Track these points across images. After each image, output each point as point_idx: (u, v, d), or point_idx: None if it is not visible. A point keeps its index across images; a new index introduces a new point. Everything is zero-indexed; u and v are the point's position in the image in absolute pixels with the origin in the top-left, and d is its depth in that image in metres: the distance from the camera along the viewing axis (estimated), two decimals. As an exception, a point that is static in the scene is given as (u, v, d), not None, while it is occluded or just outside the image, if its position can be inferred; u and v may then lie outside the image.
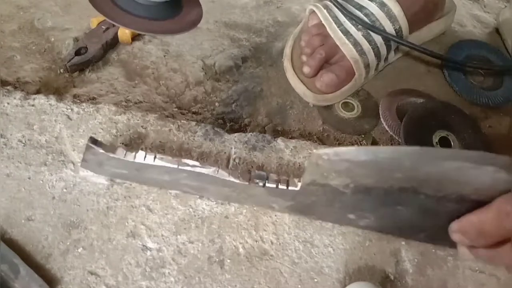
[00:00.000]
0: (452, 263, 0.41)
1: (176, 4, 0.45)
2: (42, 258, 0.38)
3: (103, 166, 0.41)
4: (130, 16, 0.43)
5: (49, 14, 0.60)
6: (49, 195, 0.42)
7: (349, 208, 0.39)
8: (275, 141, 0.47)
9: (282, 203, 0.41)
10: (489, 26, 0.70)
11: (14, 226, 0.40)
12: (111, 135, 0.46)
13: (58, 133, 0.45)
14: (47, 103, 0.48)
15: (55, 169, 0.43)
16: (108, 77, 0.54)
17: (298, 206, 0.41)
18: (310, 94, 0.53)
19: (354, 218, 0.40)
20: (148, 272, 0.38)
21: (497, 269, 0.41)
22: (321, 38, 0.55)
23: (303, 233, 0.41)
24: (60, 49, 0.56)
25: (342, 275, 0.39)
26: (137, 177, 0.42)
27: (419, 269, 0.40)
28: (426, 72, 0.61)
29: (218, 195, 0.42)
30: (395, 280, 0.40)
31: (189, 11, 0.46)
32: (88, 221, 0.40)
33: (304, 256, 0.40)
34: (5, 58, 0.54)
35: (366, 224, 0.41)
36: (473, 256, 0.36)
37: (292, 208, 0.41)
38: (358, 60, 0.53)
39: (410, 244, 0.42)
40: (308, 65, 0.54)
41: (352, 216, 0.40)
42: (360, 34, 0.53)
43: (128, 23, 0.43)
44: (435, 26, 0.63)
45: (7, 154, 0.44)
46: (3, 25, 0.58)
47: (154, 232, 0.40)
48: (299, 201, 0.40)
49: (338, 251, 0.41)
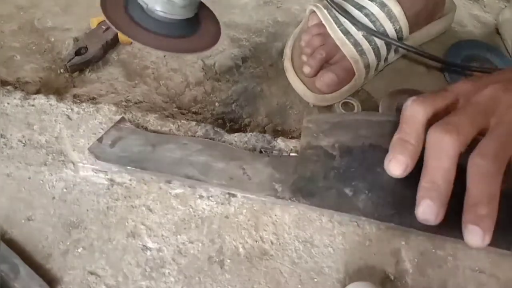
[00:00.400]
0: (452, 263, 0.41)
1: (194, 22, 0.44)
2: (42, 258, 0.38)
3: (114, 147, 0.43)
4: (146, 32, 0.42)
5: (49, 14, 0.60)
6: (49, 195, 0.42)
7: (343, 178, 0.42)
8: (275, 141, 0.47)
9: (286, 179, 0.42)
10: (489, 26, 0.70)
11: (14, 226, 0.40)
12: (111, 135, 0.46)
13: (58, 133, 0.45)
14: (47, 103, 0.48)
15: (55, 169, 0.43)
16: (108, 77, 0.54)
17: (300, 182, 0.42)
18: (310, 94, 0.53)
19: (351, 195, 0.42)
20: (148, 272, 0.38)
21: (498, 269, 0.41)
22: (321, 38, 0.55)
23: (303, 233, 0.41)
24: (60, 49, 0.56)
25: (342, 275, 0.39)
26: (147, 159, 0.43)
27: (419, 269, 0.40)
28: (426, 72, 0.61)
29: (222, 176, 0.42)
30: (395, 280, 0.40)
31: (207, 30, 0.45)
32: (88, 221, 0.40)
33: (304, 256, 0.40)
34: (5, 58, 0.54)
35: (364, 205, 0.41)
36: (480, 228, 0.35)
37: (295, 188, 0.42)
38: (358, 60, 0.53)
39: (410, 244, 0.42)
40: (308, 65, 0.54)
41: (349, 192, 0.42)
42: (361, 34, 0.53)
43: (146, 41, 0.41)
44: (435, 26, 0.63)
45: (7, 154, 0.44)
46: (3, 25, 0.58)
47: (154, 232, 0.40)
48: (300, 175, 0.42)
49: (338, 251, 0.41)
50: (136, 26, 0.42)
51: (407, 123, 0.40)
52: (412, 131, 0.39)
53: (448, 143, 0.36)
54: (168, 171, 0.42)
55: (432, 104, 0.39)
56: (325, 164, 0.43)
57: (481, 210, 0.35)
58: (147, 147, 0.44)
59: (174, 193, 0.43)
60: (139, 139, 0.44)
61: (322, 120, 0.46)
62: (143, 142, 0.44)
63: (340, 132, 0.45)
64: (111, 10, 0.42)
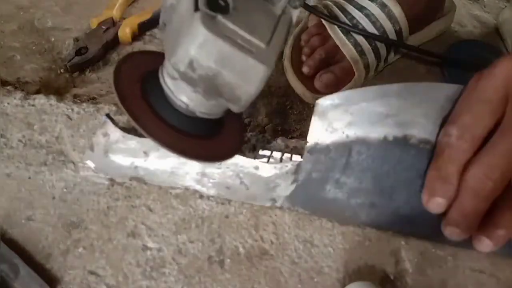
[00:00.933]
0: (452, 263, 0.41)
1: (218, 123, 0.40)
2: (42, 258, 0.38)
3: (108, 155, 0.42)
4: (164, 126, 0.36)
5: (49, 14, 0.60)
6: (49, 195, 0.42)
7: (349, 186, 0.40)
8: (275, 141, 0.47)
9: (284, 189, 0.41)
10: (489, 26, 0.70)
11: (14, 226, 0.40)
12: (111, 135, 0.46)
13: (58, 133, 0.45)
14: (47, 103, 0.48)
15: (55, 169, 0.43)
16: (108, 77, 0.54)
17: (300, 192, 0.41)
18: (310, 95, 0.53)
19: (355, 205, 0.41)
20: (148, 271, 0.38)
21: (498, 269, 0.41)
22: (321, 38, 0.55)
23: (303, 233, 0.41)
24: (60, 49, 0.56)
25: (342, 275, 0.39)
26: (142, 168, 0.42)
27: (419, 269, 0.40)
28: (426, 72, 0.61)
29: (219, 187, 0.42)
30: (395, 280, 0.40)
31: (229, 135, 0.41)
32: (88, 221, 0.41)
33: (304, 256, 0.40)
34: (5, 58, 0.54)
35: (367, 214, 0.41)
36: (491, 240, 0.35)
37: (294, 198, 0.41)
38: (358, 61, 0.53)
39: (410, 244, 0.42)
40: (308, 65, 0.54)
41: (353, 201, 0.40)
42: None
43: (161, 138, 0.36)
44: (435, 26, 0.63)
45: (7, 154, 0.44)
46: (3, 25, 0.58)
47: (154, 231, 0.40)
48: (301, 183, 0.41)
49: (338, 250, 0.41)
50: (155, 118, 0.36)
51: (450, 162, 0.36)
52: (454, 172, 0.36)
53: (488, 190, 0.35)
54: (166, 183, 0.42)
55: (479, 138, 0.36)
56: (331, 170, 0.40)
57: (501, 231, 0.35)
58: (138, 158, 0.42)
59: (174, 193, 0.43)
60: (130, 146, 0.42)
61: (338, 101, 0.39)
62: (134, 150, 0.42)
63: (358, 118, 0.39)
64: (128, 94, 0.36)
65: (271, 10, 0.35)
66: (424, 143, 0.39)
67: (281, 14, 0.35)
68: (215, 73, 0.31)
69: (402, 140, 0.39)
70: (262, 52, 0.32)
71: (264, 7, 0.35)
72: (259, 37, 0.32)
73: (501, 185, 0.35)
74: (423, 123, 0.38)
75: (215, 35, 0.30)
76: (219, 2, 0.31)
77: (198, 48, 0.30)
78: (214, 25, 0.30)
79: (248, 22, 0.32)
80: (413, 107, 0.38)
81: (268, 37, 0.33)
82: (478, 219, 0.36)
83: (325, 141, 0.40)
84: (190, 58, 0.31)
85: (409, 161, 0.39)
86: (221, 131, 0.41)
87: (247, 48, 0.31)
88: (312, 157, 0.40)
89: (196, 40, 0.30)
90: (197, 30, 0.30)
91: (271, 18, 0.34)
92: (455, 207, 0.36)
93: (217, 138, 0.40)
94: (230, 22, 0.31)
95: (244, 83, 0.32)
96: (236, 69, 0.31)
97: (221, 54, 0.30)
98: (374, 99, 0.39)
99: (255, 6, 0.34)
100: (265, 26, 0.33)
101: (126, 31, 0.56)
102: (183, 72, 0.32)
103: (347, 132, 0.39)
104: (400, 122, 0.39)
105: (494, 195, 0.35)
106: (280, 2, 0.34)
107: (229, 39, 0.31)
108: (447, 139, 0.36)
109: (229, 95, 0.33)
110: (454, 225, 0.36)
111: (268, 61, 0.32)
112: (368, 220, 0.41)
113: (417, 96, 0.38)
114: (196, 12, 0.30)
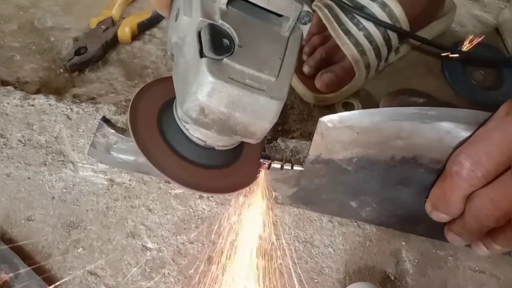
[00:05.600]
0: (452, 263, 0.41)
1: (235, 152, 0.38)
2: (42, 258, 0.38)
3: (110, 152, 0.41)
4: (179, 159, 0.35)
5: (49, 14, 0.60)
6: (49, 195, 0.42)
7: (352, 192, 0.40)
8: (275, 141, 0.47)
9: (285, 190, 0.41)
10: (489, 26, 0.70)
11: (14, 226, 0.39)
12: (111, 135, 0.46)
13: (57, 133, 0.45)
14: (46, 103, 0.47)
15: (55, 169, 0.43)
16: (108, 77, 0.54)
17: (301, 193, 0.41)
18: (310, 94, 0.53)
19: (356, 207, 0.41)
20: (148, 272, 0.38)
21: (498, 269, 0.41)
22: (322, 38, 0.55)
23: (303, 233, 0.41)
24: (60, 49, 0.56)
25: (342, 275, 0.39)
26: (142, 165, 0.41)
27: (419, 269, 0.40)
28: (426, 72, 0.61)
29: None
30: (395, 280, 0.40)
31: (245, 164, 0.39)
32: (87, 221, 0.40)
33: (304, 257, 0.40)
34: (5, 58, 0.54)
35: (367, 214, 0.41)
36: (488, 249, 0.36)
37: (295, 197, 0.41)
38: (358, 60, 0.53)
39: (411, 244, 0.42)
40: (308, 65, 0.54)
41: (354, 204, 0.40)
42: (361, 34, 0.53)
43: (173, 172, 0.34)
44: (436, 26, 0.63)
45: (7, 154, 0.44)
46: (3, 25, 0.58)
47: (153, 232, 0.40)
48: (303, 187, 0.40)
49: (338, 251, 0.41)
50: (171, 153, 0.35)
51: (456, 189, 0.35)
52: (459, 199, 0.35)
53: (491, 221, 0.35)
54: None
55: (491, 176, 0.34)
56: (334, 179, 0.39)
57: (497, 246, 0.36)
58: (141, 156, 0.41)
59: (173, 193, 0.43)
60: (129, 148, 0.41)
61: (344, 122, 0.35)
62: (136, 149, 0.41)
63: (365, 139, 0.36)
64: (142, 127, 0.35)
65: (279, 34, 0.33)
66: (434, 163, 0.37)
67: (289, 35, 0.33)
68: (227, 116, 0.31)
69: (411, 159, 0.37)
70: (273, 86, 0.31)
71: (271, 32, 0.33)
72: (268, 71, 0.31)
73: (503, 220, 0.34)
74: (436, 146, 0.36)
75: (222, 81, 0.29)
76: (224, 42, 0.31)
77: (207, 96, 0.30)
78: (221, 70, 0.30)
79: (255, 57, 0.31)
80: (426, 132, 0.35)
81: (277, 68, 0.32)
82: (480, 235, 0.36)
83: (326, 156, 0.38)
84: (200, 106, 0.30)
85: (417, 177, 0.37)
86: (241, 153, 0.39)
87: (257, 86, 0.30)
88: (313, 167, 0.39)
89: (205, 89, 0.30)
90: (205, 78, 0.29)
91: (280, 44, 0.33)
92: (459, 223, 0.37)
93: (236, 164, 0.38)
94: (236, 62, 0.30)
95: (258, 121, 0.31)
96: (248, 109, 0.31)
97: (231, 98, 0.30)
98: (383, 121, 0.36)
99: (261, 34, 0.33)
100: (274, 55, 0.32)
101: (125, 30, 0.56)
102: (195, 118, 0.32)
103: (351, 150, 0.37)
104: (412, 144, 0.36)
105: (497, 225, 0.35)
106: (288, 23, 0.33)
107: (237, 82, 0.30)
108: (458, 168, 0.34)
109: (243, 132, 0.32)
110: (457, 234, 0.37)
111: (279, 94, 0.31)
112: (368, 218, 0.41)
113: (432, 121, 0.35)
114: (202, 58, 0.30)
